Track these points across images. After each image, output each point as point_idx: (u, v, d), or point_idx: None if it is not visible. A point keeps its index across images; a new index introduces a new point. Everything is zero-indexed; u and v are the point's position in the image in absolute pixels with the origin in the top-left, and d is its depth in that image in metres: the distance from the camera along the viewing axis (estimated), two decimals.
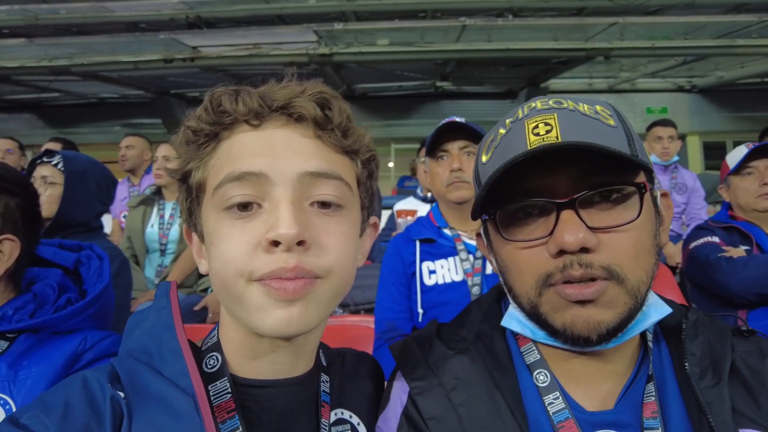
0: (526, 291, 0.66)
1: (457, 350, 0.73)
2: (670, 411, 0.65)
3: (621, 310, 0.62)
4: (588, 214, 0.62)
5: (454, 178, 1.54)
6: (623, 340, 0.65)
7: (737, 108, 9.05)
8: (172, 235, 2.76)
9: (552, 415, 0.66)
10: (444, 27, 6.00)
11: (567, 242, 0.60)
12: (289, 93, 0.61)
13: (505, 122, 0.70)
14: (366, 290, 2.40)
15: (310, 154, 0.60)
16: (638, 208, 0.62)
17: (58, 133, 7.90)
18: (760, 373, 0.67)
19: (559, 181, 0.62)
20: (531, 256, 0.64)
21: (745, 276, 1.80)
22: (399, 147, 9.73)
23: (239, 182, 0.57)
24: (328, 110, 0.62)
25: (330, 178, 0.60)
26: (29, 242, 1.01)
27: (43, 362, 0.89)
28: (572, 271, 0.60)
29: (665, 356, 0.71)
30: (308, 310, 0.58)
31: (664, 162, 3.58)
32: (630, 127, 0.67)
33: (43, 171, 1.83)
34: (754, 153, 1.98)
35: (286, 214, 0.55)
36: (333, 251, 0.59)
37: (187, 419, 0.55)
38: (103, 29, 6.26)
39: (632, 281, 0.62)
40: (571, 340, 0.63)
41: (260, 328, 0.58)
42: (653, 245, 0.65)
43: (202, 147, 0.62)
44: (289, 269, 0.55)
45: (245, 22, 6.19)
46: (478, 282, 1.49)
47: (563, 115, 0.64)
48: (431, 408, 0.68)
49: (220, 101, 0.61)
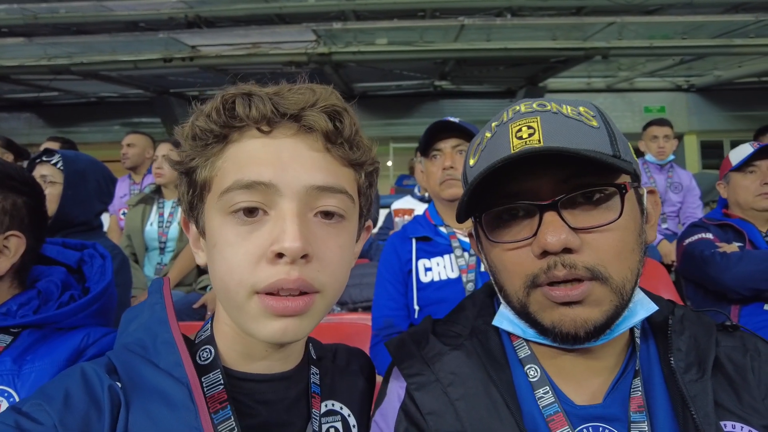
0: (515, 291, 0.67)
1: (452, 346, 0.74)
2: (655, 404, 0.67)
3: (607, 308, 0.63)
4: (571, 215, 0.63)
5: (446, 176, 1.57)
6: (611, 337, 0.66)
7: (735, 107, 9.06)
8: (171, 234, 2.77)
9: (542, 408, 0.67)
10: (443, 26, 5.99)
11: (550, 243, 0.61)
12: (301, 101, 0.61)
13: (491, 126, 0.71)
14: (364, 288, 2.42)
15: (318, 167, 0.61)
16: (620, 208, 0.63)
17: (58, 132, 7.90)
18: (743, 367, 0.68)
19: (543, 184, 0.64)
20: (517, 257, 0.66)
21: (739, 271, 1.82)
22: (398, 146, 9.73)
23: (248, 190, 0.58)
24: (339, 123, 0.62)
25: (335, 192, 0.61)
26: (35, 240, 1.03)
27: (47, 357, 0.91)
28: (556, 272, 0.62)
29: (652, 351, 0.72)
30: (303, 323, 0.60)
31: (660, 161, 3.59)
32: (613, 128, 0.68)
33: (42, 170, 1.83)
34: (759, 152, 2.00)
35: (292, 228, 0.56)
36: (330, 265, 0.61)
37: (182, 408, 0.57)
38: (102, 28, 6.27)
39: (617, 280, 0.63)
40: (559, 338, 0.65)
41: (256, 336, 0.60)
42: (637, 243, 0.66)
43: (209, 146, 0.62)
44: (291, 281, 0.57)
45: (244, 21, 6.19)
46: (473, 279, 1.51)
47: (546, 118, 0.65)
48: (429, 403, 0.69)
49: (234, 104, 0.60)
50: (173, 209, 2.82)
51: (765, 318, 1.80)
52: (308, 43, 6.31)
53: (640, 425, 0.65)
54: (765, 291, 1.81)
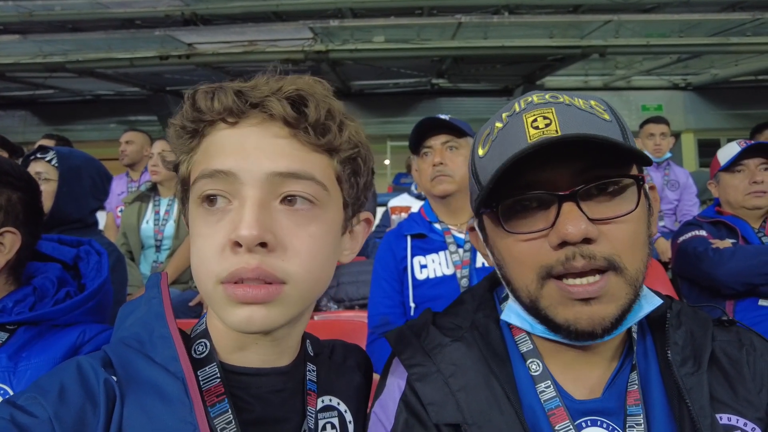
0: (526, 284, 0.67)
1: (453, 338, 0.74)
2: (652, 397, 0.67)
3: (623, 302, 0.63)
4: (588, 206, 0.63)
5: (436, 172, 1.58)
6: (620, 332, 0.66)
7: (731, 106, 9.09)
8: (167, 231, 2.77)
9: (543, 402, 0.68)
10: (440, 24, 5.99)
11: (570, 233, 0.60)
12: (267, 90, 0.61)
13: (501, 116, 0.70)
14: (360, 286, 2.42)
15: (281, 153, 0.60)
16: (636, 200, 0.63)
17: (54, 130, 7.86)
18: (738, 361, 0.69)
19: (559, 175, 0.63)
20: (531, 248, 0.65)
21: (733, 266, 1.83)
22: (395, 144, 9.73)
23: (211, 179, 0.59)
24: (304, 107, 0.61)
25: (300, 178, 0.60)
26: (30, 236, 1.03)
27: (43, 354, 0.90)
28: (575, 263, 0.61)
29: (649, 345, 0.73)
30: (271, 311, 0.58)
31: (657, 159, 3.61)
32: (623, 122, 0.69)
33: (37, 167, 1.81)
34: (746, 151, 2.00)
35: (249, 216, 0.56)
36: (298, 254, 0.59)
37: (177, 402, 0.57)
38: (98, 26, 6.24)
39: (631, 271, 0.63)
40: (575, 336, 0.64)
41: (227, 325, 0.60)
42: (647, 236, 0.67)
43: (187, 142, 0.64)
44: (250, 270, 0.56)
45: (241, 18, 6.17)
46: (467, 274, 1.51)
47: (561, 110, 0.65)
48: (430, 393, 0.69)
49: (197, 100, 0.61)
50: (169, 207, 2.82)
51: (760, 314, 1.81)
52: (305, 41, 6.30)
53: (637, 418, 0.66)
54: (758, 286, 1.82)
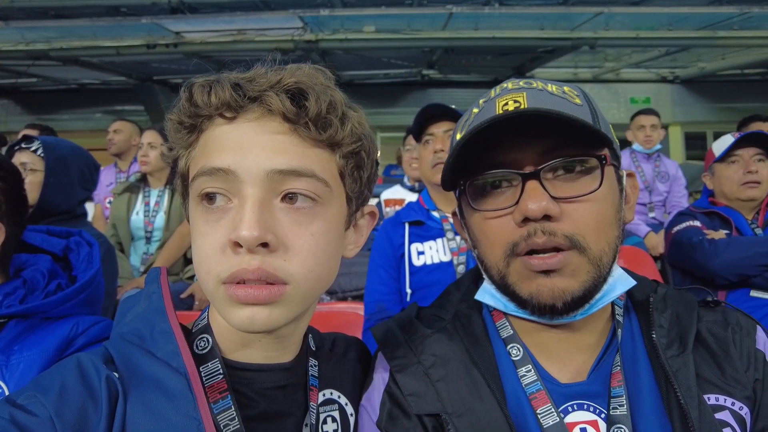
0: (495, 261, 0.69)
1: (435, 329, 0.76)
2: (639, 380, 0.69)
3: (584, 278, 0.65)
4: (552, 185, 0.65)
5: (437, 159, 1.59)
6: (591, 312, 0.68)
7: (718, 99, 9.19)
8: (157, 223, 2.73)
9: (525, 387, 0.69)
10: (431, 14, 5.97)
11: (531, 209, 0.63)
12: (266, 83, 0.59)
13: (479, 102, 0.74)
14: (353, 277, 2.42)
15: (281, 150, 0.58)
16: (599, 180, 0.65)
17: (37, 119, 7.69)
18: (725, 341, 0.71)
19: (526, 155, 0.66)
20: (498, 225, 0.68)
21: (727, 257, 1.86)
22: (385, 135, 9.68)
23: (210, 177, 0.57)
24: (304, 101, 0.58)
25: (301, 176, 0.58)
26: (15, 227, 1.00)
27: (36, 347, 0.89)
28: (536, 239, 0.64)
29: (636, 328, 0.74)
30: (274, 312, 0.58)
31: (647, 150, 3.65)
32: (596, 108, 0.71)
33: (22, 157, 1.78)
34: (740, 142, 2.03)
35: (249, 216, 0.55)
36: (300, 254, 0.58)
37: (180, 398, 0.56)
38: (82, 13, 6.09)
39: (594, 251, 0.65)
40: (537, 309, 0.66)
41: (230, 324, 0.59)
42: (616, 219, 0.68)
43: (184, 137, 0.62)
44: (251, 271, 0.55)
45: (229, 7, 6.07)
46: (464, 261, 1.53)
47: (532, 94, 0.68)
48: (410, 384, 0.70)
49: (193, 94, 0.59)
50: (159, 198, 2.78)
51: (752, 304, 1.84)
52: (295, 30, 6.23)
53: (620, 399, 0.67)
54: (751, 277, 1.85)
